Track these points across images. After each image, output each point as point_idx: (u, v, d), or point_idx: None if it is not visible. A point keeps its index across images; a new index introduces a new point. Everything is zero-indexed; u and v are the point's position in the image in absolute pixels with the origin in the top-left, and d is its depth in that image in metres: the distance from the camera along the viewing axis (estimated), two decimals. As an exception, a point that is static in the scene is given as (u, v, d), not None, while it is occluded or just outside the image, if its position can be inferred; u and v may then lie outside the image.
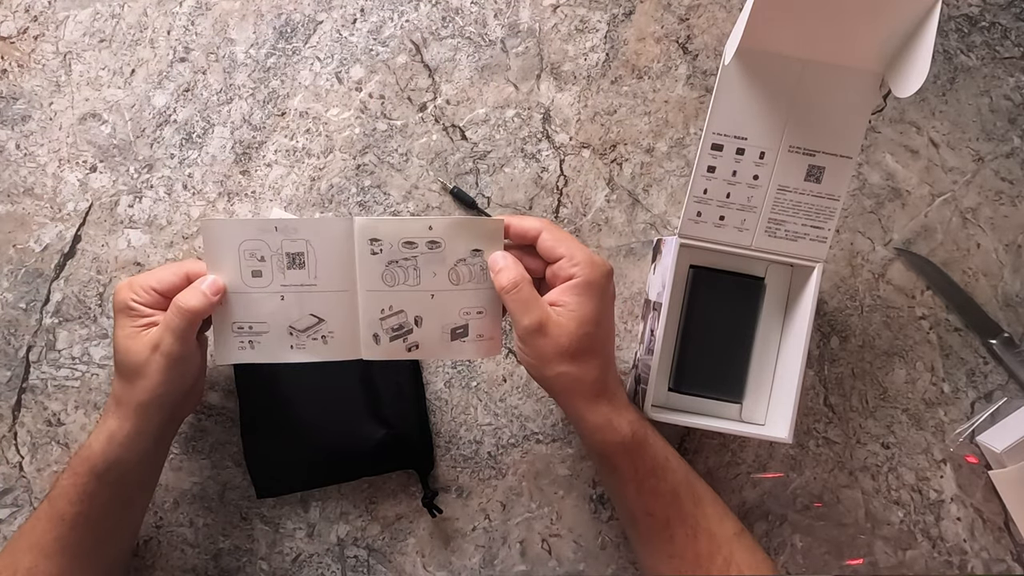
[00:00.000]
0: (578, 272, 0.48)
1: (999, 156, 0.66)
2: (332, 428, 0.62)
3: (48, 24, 0.65)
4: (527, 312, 0.48)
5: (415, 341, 0.51)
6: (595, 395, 0.50)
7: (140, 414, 0.51)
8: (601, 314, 0.49)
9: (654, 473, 0.52)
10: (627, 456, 0.51)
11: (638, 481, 0.52)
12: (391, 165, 0.65)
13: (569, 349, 0.48)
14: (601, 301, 0.49)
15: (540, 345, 0.48)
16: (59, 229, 0.64)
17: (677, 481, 0.52)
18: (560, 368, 0.49)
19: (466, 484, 0.65)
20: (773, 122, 0.55)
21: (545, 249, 0.50)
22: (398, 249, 0.49)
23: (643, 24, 0.66)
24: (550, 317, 0.48)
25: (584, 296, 0.48)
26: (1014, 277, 0.66)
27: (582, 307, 0.48)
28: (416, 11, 0.66)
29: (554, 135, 0.66)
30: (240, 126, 0.65)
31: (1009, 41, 0.67)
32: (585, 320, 0.48)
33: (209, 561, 0.64)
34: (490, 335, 0.53)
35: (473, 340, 0.52)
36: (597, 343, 0.49)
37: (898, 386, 0.66)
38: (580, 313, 0.48)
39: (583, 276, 0.48)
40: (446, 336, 0.52)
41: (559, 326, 0.48)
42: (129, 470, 0.52)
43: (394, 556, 0.65)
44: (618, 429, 0.51)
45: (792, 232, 0.57)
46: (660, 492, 0.52)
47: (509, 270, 0.49)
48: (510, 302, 0.49)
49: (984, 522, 0.66)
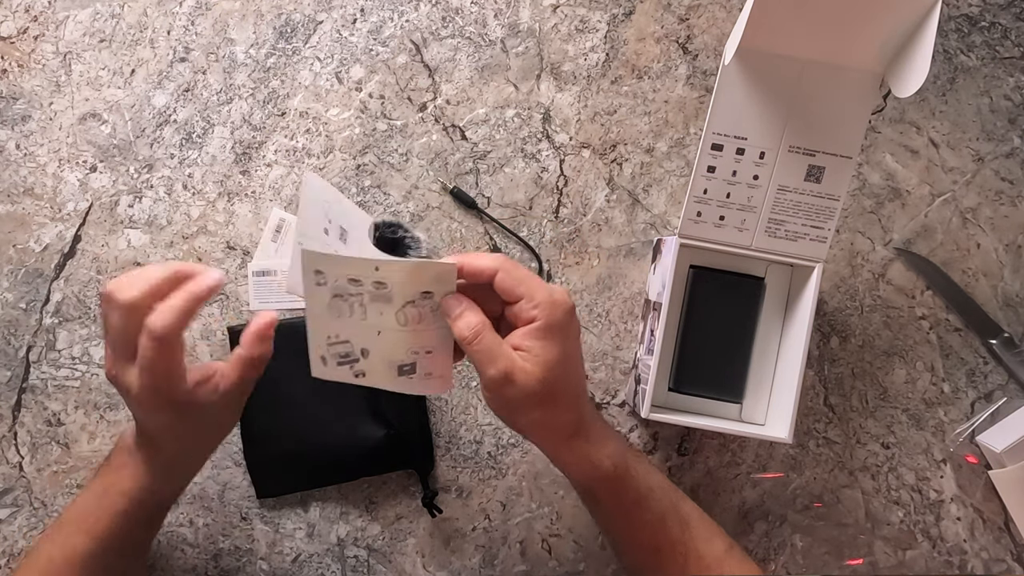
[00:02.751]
0: (539, 314, 0.45)
1: (999, 156, 0.66)
2: (332, 428, 0.62)
3: (48, 24, 0.65)
4: (491, 362, 0.45)
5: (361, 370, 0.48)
6: (570, 436, 0.49)
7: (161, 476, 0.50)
8: (567, 355, 0.46)
9: (638, 504, 0.51)
10: (610, 490, 0.50)
11: (623, 513, 0.51)
12: (391, 165, 0.65)
13: (539, 395, 0.45)
14: (566, 341, 0.46)
15: (508, 394, 0.45)
16: (59, 229, 0.64)
17: (663, 508, 0.51)
18: (532, 415, 0.47)
19: (466, 484, 0.65)
20: (773, 122, 0.55)
21: (503, 290, 0.46)
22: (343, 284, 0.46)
23: (643, 24, 0.66)
24: (515, 364, 0.45)
25: (548, 340, 0.45)
26: (1014, 277, 0.66)
27: (547, 351, 0.45)
28: (416, 11, 0.66)
29: (554, 135, 0.66)
30: (240, 126, 0.65)
31: (1009, 41, 0.67)
32: (552, 364, 0.45)
33: (209, 561, 0.64)
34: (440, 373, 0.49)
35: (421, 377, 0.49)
36: (567, 384, 0.47)
37: (898, 386, 0.66)
38: (545, 358, 0.45)
39: (544, 319, 0.45)
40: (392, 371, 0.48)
41: (526, 373, 0.45)
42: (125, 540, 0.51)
43: (394, 556, 0.65)
44: (598, 465, 0.49)
45: (792, 232, 0.57)
46: (646, 522, 0.51)
47: (466, 317, 0.45)
48: (472, 353, 0.46)
49: (984, 522, 0.66)
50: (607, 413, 0.65)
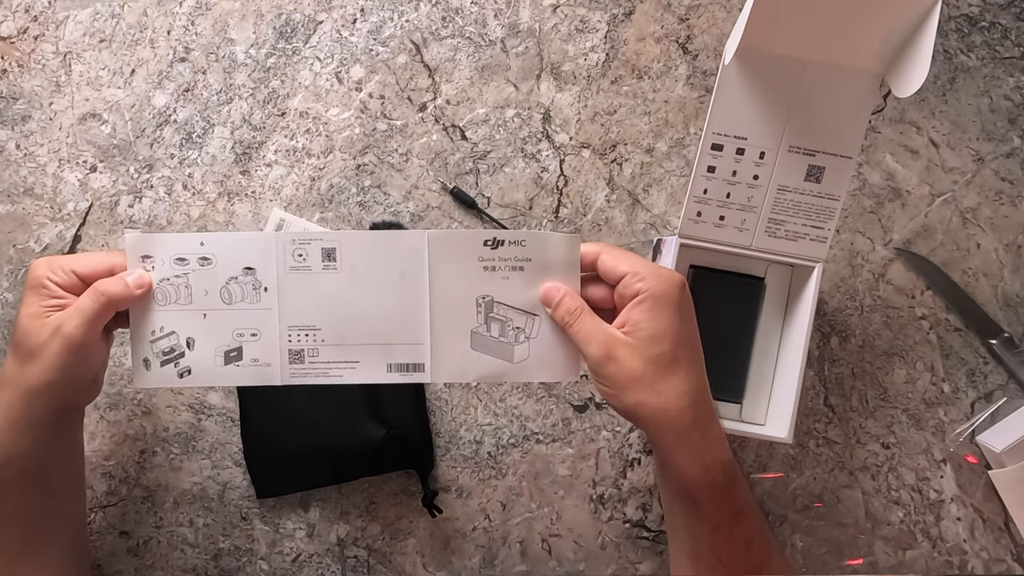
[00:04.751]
0: (643, 286, 0.43)
1: (999, 156, 0.66)
2: (332, 428, 0.62)
3: (48, 24, 0.65)
4: (590, 342, 0.44)
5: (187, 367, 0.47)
6: (683, 428, 0.44)
7: (27, 400, 0.47)
8: (677, 330, 0.43)
9: (735, 521, 0.46)
10: (714, 498, 0.46)
11: (717, 525, 0.46)
12: (391, 165, 0.65)
13: (644, 375, 0.43)
14: (676, 315, 0.44)
15: (612, 373, 0.43)
16: (59, 229, 0.64)
17: (753, 529, 0.47)
18: (638, 397, 0.43)
19: (466, 484, 0.65)
20: (773, 122, 0.55)
21: (606, 269, 0.45)
22: (170, 266, 0.45)
23: (643, 24, 0.66)
24: (616, 340, 0.43)
25: (654, 311, 0.43)
26: (1014, 277, 0.66)
27: (653, 324, 0.43)
28: (416, 11, 0.66)
29: (554, 135, 0.66)
30: (240, 126, 0.65)
31: (1009, 41, 0.67)
32: (658, 339, 0.43)
33: (209, 561, 0.64)
34: (267, 360, 0.48)
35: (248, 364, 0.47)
36: (677, 365, 0.44)
37: (898, 386, 0.66)
38: (650, 331, 0.43)
39: (649, 290, 0.43)
40: (219, 360, 0.47)
41: (628, 347, 0.43)
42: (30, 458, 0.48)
43: (394, 556, 0.65)
44: (710, 468, 0.45)
45: (792, 232, 0.57)
46: (735, 538, 0.47)
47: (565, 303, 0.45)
48: (572, 335, 0.45)
49: (984, 522, 0.66)
50: (607, 413, 0.65)
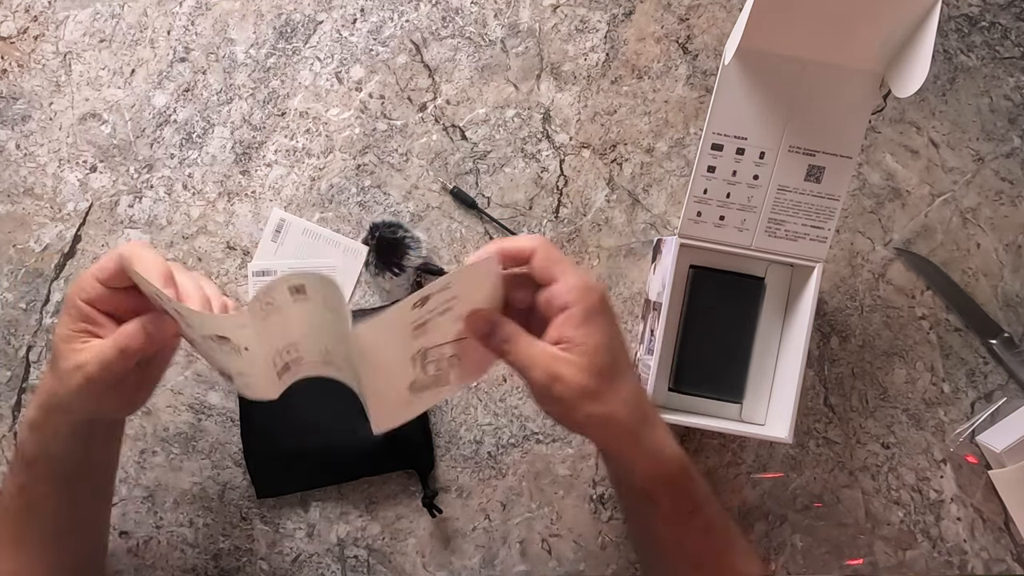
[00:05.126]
0: (574, 299, 0.44)
1: (999, 156, 0.66)
2: (332, 428, 0.62)
3: (48, 24, 0.65)
4: (533, 366, 0.44)
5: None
6: (634, 427, 0.45)
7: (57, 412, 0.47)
8: (611, 339, 0.45)
9: (694, 512, 0.48)
10: (671, 491, 0.47)
11: (678, 521, 0.48)
12: (391, 165, 0.65)
13: (590, 388, 0.43)
14: (608, 325, 0.45)
15: (560, 393, 0.43)
16: (59, 229, 0.64)
17: (711, 520, 0.48)
18: (587, 410, 0.44)
19: (466, 484, 0.65)
20: (773, 122, 0.55)
21: (541, 269, 0.45)
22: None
23: (643, 24, 0.66)
24: (558, 359, 0.44)
25: (587, 325, 0.44)
26: (1014, 277, 0.66)
27: (589, 337, 0.44)
28: (416, 11, 0.66)
29: (554, 135, 0.66)
30: (240, 126, 0.65)
31: (1009, 41, 0.67)
32: (597, 351, 0.44)
33: (209, 561, 0.64)
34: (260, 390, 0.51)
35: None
36: (617, 370, 0.45)
37: (898, 386, 0.66)
38: (589, 345, 0.43)
39: (581, 303, 0.44)
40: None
41: (571, 364, 0.43)
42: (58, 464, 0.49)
43: (394, 556, 0.65)
44: (663, 463, 0.46)
45: (792, 232, 0.57)
46: (695, 528, 0.48)
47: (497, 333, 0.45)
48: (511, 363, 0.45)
49: (984, 522, 0.66)
50: (607, 413, 0.65)
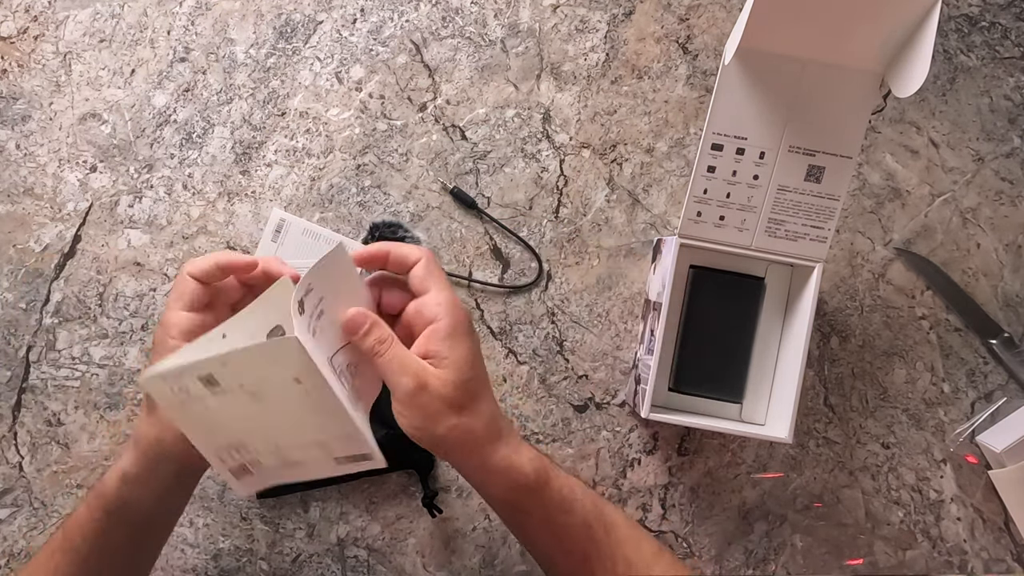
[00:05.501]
0: (442, 312, 0.45)
1: (999, 156, 0.66)
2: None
3: (48, 24, 0.65)
4: (403, 372, 0.44)
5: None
6: (490, 441, 0.47)
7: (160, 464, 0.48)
8: (475, 356, 0.47)
9: (563, 509, 0.49)
10: (534, 496, 0.48)
11: (550, 522, 0.49)
12: (391, 165, 0.65)
13: (455, 399, 0.45)
14: (472, 342, 0.47)
15: (423, 402, 0.45)
16: (59, 229, 0.64)
17: (587, 512, 0.50)
18: (450, 422, 0.45)
19: (466, 484, 0.65)
20: (773, 122, 0.55)
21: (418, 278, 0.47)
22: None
23: (643, 24, 0.66)
24: (427, 370, 0.45)
25: (454, 340, 0.45)
26: (1014, 277, 0.66)
27: (455, 352, 0.45)
28: (416, 11, 0.66)
29: (554, 135, 0.66)
30: (240, 126, 0.65)
31: (1009, 41, 0.67)
32: (463, 364, 0.45)
33: (209, 561, 0.64)
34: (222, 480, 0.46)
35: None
36: (479, 386, 0.47)
37: (898, 386, 0.66)
38: (455, 358, 0.45)
39: (449, 317, 0.45)
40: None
41: (438, 377, 0.45)
42: (142, 511, 0.50)
43: (394, 556, 0.65)
44: (521, 470, 0.48)
45: (792, 232, 0.57)
46: (572, 526, 0.50)
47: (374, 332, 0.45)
48: (381, 365, 0.45)
49: (984, 522, 0.66)
50: (607, 413, 0.65)
